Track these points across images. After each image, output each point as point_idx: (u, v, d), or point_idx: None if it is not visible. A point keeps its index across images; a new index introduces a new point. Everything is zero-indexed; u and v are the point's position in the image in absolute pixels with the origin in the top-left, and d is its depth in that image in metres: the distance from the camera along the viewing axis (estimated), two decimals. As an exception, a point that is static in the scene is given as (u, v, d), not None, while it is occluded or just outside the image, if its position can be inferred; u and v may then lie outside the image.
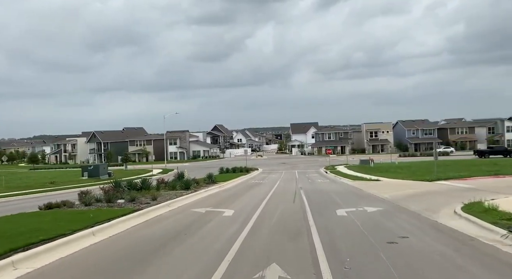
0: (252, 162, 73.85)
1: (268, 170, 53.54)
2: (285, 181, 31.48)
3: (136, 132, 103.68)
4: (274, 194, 19.78)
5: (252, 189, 23.33)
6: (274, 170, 53.10)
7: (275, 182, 29.96)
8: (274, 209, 13.61)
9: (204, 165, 69.73)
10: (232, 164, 62.13)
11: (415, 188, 18.73)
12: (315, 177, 37.58)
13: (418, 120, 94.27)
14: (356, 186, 23.17)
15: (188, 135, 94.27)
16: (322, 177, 37.54)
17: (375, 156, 76.18)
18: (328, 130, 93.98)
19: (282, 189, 23.00)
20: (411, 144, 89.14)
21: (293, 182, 30.16)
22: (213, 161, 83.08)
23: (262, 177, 39.31)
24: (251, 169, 51.08)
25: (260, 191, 21.72)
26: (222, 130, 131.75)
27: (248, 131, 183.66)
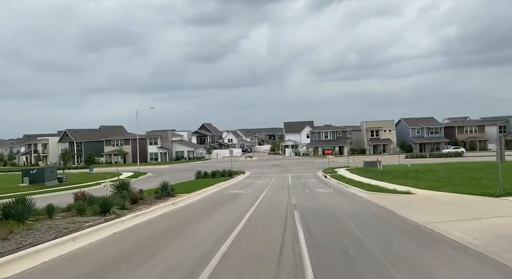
0: (240, 164, 65.97)
1: (257, 173, 45.63)
2: (275, 191, 23.58)
3: (114, 131, 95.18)
4: (250, 223, 11.77)
5: (220, 209, 15.30)
6: (264, 173, 45.21)
7: (260, 193, 22.06)
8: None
9: (184, 168, 61.65)
10: (217, 166, 54.38)
11: (496, 213, 10.85)
12: (313, 183, 29.74)
13: (422, 118, 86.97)
14: (379, 202, 15.28)
15: (171, 134, 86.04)
16: (322, 183, 29.66)
17: (377, 157, 68.61)
18: (324, 129, 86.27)
19: (266, 209, 15.08)
20: (415, 144, 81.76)
21: (284, 192, 22.27)
22: (197, 162, 75.02)
23: (246, 183, 31.36)
24: (236, 172, 43.22)
25: (230, 215, 13.70)
26: (211, 129, 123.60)
27: (240, 131, 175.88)
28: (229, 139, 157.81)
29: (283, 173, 45.10)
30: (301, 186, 27.32)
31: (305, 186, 27.21)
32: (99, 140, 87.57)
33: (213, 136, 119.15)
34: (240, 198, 19.63)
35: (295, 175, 41.23)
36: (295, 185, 27.77)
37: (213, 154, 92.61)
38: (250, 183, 31.20)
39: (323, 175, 39.73)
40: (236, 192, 22.82)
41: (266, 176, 41.37)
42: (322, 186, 27.11)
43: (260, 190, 23.75)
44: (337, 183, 28.53)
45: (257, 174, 44.94)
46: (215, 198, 19.98)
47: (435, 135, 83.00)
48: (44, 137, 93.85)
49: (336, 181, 30.44)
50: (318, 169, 48.11)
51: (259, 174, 44.05)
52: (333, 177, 34.35)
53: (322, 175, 40.36)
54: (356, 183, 25.29)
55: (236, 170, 45.68)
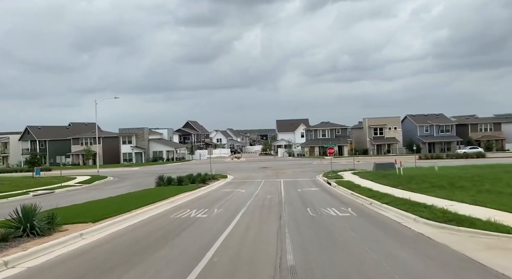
0: (224, 166, 57.02)
1: (241, 178, 36.80)
2: (256, 213, 14.79)
3: (86, 128, 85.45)
4: None
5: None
6: (250, 178, 36.37)
7: (229, 219, 13.03)
8: None
9: (157, 170, 52.44)
10: (195, 169, 45.62)
11: None
12: (316, 195, 21.06)
13: (431, 115, 78.77)
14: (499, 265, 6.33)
15: (148, 132, 76.77)
16: (329, 196, 20.91)
17: (382, 158, 60.17)
18: (322, 126, 77.64)
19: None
20: (424, 143, 73.48)
21: (272, 218, 13.36)
22: (175, 164, 65.91)
23: (220, 196, 22.49)
24: (214, 177, 34.38)
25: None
26: (196, 127, 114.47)
27: (230, 131, 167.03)
28: (218, 139, 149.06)
29: (274, 177, 36.24)
30: (300, 200, 18.50)
31: (306, 200, 18.40)
32: (66, 138, 77.98)
33: (198, 135, 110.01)
34: (184, 236, 10.56)
35: (289, 180, 32.38)
36: (290, 200, 18.96)
37: (196, 154, 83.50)
38: (224, 195, 22.24)
39: (325, 181, 31.01)
40: (189, 217, 13.73)
41: (252, 182, 32.49)
42: (331, 201, 18.28)
43: (232, 212, 14.81)
44: (351, 195, 19.84)
45: (241, 179, 36.06)
46: (131, 238, 10.72)
47: (445, 134, 74.83)
48: (4, 135, 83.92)
49: (347, 191, 21.69)
50: (317, 173, 39.44)
51: (243, 179, 35.16)
52: (341, 184, 25.57)
53: (323, 180, 31.61)
54: (384, 197, 16.53)
55: (215, 174, 36.78)
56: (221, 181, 33.11)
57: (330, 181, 29.61)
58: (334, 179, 30.23)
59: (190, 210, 15.17)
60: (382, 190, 20.14)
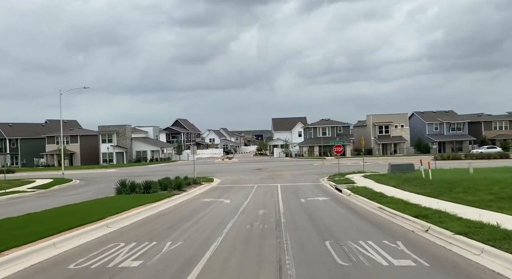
0: (214, 167, 50.96)
1: (230, 182, 30.77)
2: (238, 249, 8.66)
3: (65, 126, 78.67)
4: None
5: None
6: (240, 182, 30.36)
7: (187, 266, 6.81)
8: None
9: (136, 172, 46.23)
10: (180, 170, 39.80)
11: None
12: (328, 208, 15.35)
13: (440, 112, 73.11)
14: None
15: (130, 130, 70.39)
16: (349, 212, 14.95)
17: (390, 158, 54.35)
18: (322, 124, 71.61)
19: None
20: (434, 142, 67.76)
21: (265, 262, 7.07)
22: (160, 165, 59.69)
23: (197, 207, 16.69)
24: (196, 181, 28.27)
25: None
26: (187, 126, 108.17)
27: (223, 130, 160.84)
28: (210, 139, 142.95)
29: (269, 181, 30.18)
30: (308, 221, 12.53)
31: (317, 221, 12.48)
32: (40, 137, 71.40)
33: (189, 134, 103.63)
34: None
35: (288, 185, 26.34)
36: (293, 218, 13.04)
37: (184, 154, 77.20)
38: (199, 210, 16.15)
39: (332, 186, 25.05)
40: (102, 269, 7.43)
41: (242, 187, 26.42)
42: (357, 222, 12.31)
43: (193, 251, 8.65)
44: (380, 211, 13.91)
45: (229, 183, 29.97)
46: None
47: (457, 132, 69.11)
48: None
49: (372, 203, 15.78)
50: (319, 175, 33.57)
51: (232, 184, 29.07)
52: (356, 192, 19.61)
53: (331, 185, 25.65)
54: (445, 217, 10.49)
55: (198, 177, 30.66)
56: (203, 186, 26.93)
57: (339, 186, 23.56)
58: (344, 184, 24.21)
59: (124, 246, 8.96)
60: (424, 202, 14.08)
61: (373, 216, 13.27)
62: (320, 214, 13.80)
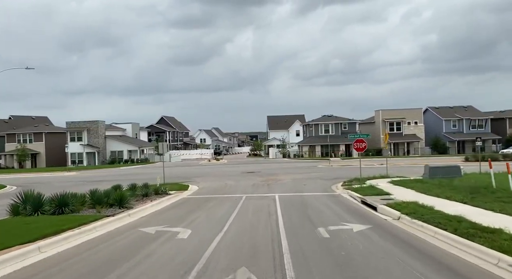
0: (197, 170, 43.01)
1: (209, 191, 22.93)
2: None
3: (32, 123, 70.25)
4: None
5: None
6: (224, 191, 22.49)
7: None
8: None
9: (95, 177, 38.04)
10: (154, 174, 32.02)
11: None
12: (389, 265, 6.71)
13: (458, 107, 65.55)
14: None
15: (104, 126, 62.04)
16: None
17: (404, 159, 46.78)
18: (324, 120, 63.63)
19: None
20: (452, 141, 60.11)
21: None
22: (134, 167, 51.56)
23: (98, 264, 8.01)
24: (159, 191, 20.12)
25: None
26: (174, 124, 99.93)
27: (215, 130, 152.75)
28: (201, 139, 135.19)
29: (264, 189, 22.25)
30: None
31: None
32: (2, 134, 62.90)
33: (175, 133, 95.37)
34: None
35: (290, 197, 18.46)
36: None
37: (166, 155, 68.92)
38: (97, 273, 7.81)
39: (356, 199, 17.22)
40: None
41: (224, 200, 18.46)
42: None
43: None
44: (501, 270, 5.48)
45: (208, 193, 21.97)
46: None
47: (478, 130, 61.44)
48: None
49: (484, 249, 7.35)
50: (328, 180, 25.93)
51: (210, 194, 21.07)
52: (415, 215, 11.55)
53: (352, 197, 17.76)
54: None
55: (161, 185, 22.61)
56: (168, 199, 18.86)
57: (370, 200, 15.74)
58: (374, 196, 16.47)
59: None
60: None
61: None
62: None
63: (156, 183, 20.88)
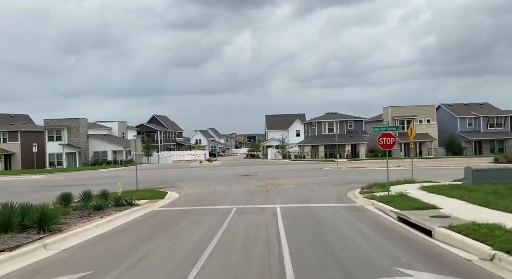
0: (185, 172, 38.16)
1: (191, 201, 18.10)
2: None
3: (10, 121, 65.08)
4: None
5: None
6: (210, 199, 17.70)
7: None
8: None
9: (63, 181, 33.02)
10: (130, 177, 27.28)
11: None
12: None
13: (473, 104, 60.83)
14: None
15: (86, 125, 56.99)
16: None
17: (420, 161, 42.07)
18: (327, 118, 58.70)
19: None
20: (468, 141, 55.31)
21: None
22: (116, 169, 46.56)
23: None
24: (122, 201, 15.00)
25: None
26: (166, 124, 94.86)
27: (212, 131, 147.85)
28: (197, 140, 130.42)
29: (261, 199, 17.43)
30: None
31: None
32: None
33: (167, 133, 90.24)
34: None
35: (296, 210, 13.65)
36: None
37: (154, 156, 64.01)
38: None
39: (390, 214, 12.26)
40: None
41: (206, 216, 13.71)
42: None
43: None
44: None
45: (188, 203, 17.19)
46: None
47: (496, 129, 56.72)
48: None
49: None
50: (340, 186, 21.32)
51: (190, 206, 16.28)
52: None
53: (383, 211, 12.88)
54: None
55: (123, 194, 17.67)
56: (127, 213, 13.97)
57: (416, 218, 10.76)
58: (418, 211, 11.56)
59: None
60: None
61: None
62: None
63: (118, 192, 15.89)
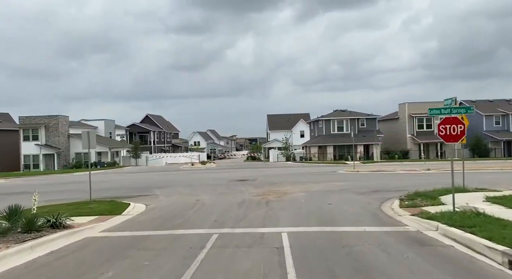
0: (169, 176, 32.67)
1: (153, 220, 12.57)
2: None
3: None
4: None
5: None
6: (183, 218, 12.26)
7: None
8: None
9: (13, 187, 27.40)
10: (108, 182, 21.90)
11: None
12: None
13: (500, 100, 55.06)
14: None
15: (67, 123, 51.53)
16: None
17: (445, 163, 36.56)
18: (336, 116, 53.01)
19: None
20: (496, 142, 49.60)
21: None
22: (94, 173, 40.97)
23: None
24: (36, 225, 8.98)
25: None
26: (160, 124, 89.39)
27: (211, 132, 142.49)
28: (195, 142, 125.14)
29: (259, 219, 11.77)
30: None
31: None
32: None
33: (162, 134, 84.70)
34: None
35: (318, 240, 7.71)
36: None
37: (143, 158, 58.45)
38: None
39: (496, 255, 5.97)
40: None
41: (164, 254, 7.71)
42: None
43: None
44: None
45: (152, 223, 11.74)
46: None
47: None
48: None
49: None
50: (367, 195, 15.77)
51: (150, 230, 10.75)
52: None
53: (475, 249, 6.69)
54: None
55: (35, 211, 11.99)
56: (15, 253, 8.11)
57: None
58: None
59: None
60: None
61: None
62: None
63: (32, 208, 10.26)
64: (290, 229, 9.87)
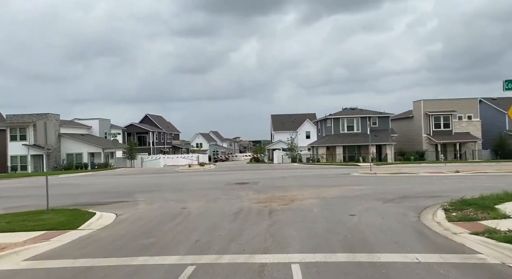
0: (160, 179, 29.47)
1: (133, 230, 8.36)
2: None
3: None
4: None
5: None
6: (153, 238, 8.36)
7: None
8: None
9: None
10: (85, 186, 18.69)
11: None
12: None
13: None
14: None
15: (58, 122, 48.47)
16: None
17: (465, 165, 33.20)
18: (346, 114, 49.54)
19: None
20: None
21: None
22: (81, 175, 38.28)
23: None
24: None
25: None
26: (161, 125, 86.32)
27: (214, 134, 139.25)
28: (198, 144, 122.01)
29: (258, 238, 8.32)
30: None
31: None
32: None
33: (161, 134, 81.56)
34: None
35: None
36: None
37: (138, 159, 55.33)
38: None
39: None
40: None
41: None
42: None
43: None
44: None
45: (112, 243, 8.29)
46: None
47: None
48: None
49: None
50: (397, 204, 12.33)
51: (93, 263, 6.99)
52: None
53: None
54: None
55: None
56: None
57: None
58: None
59: None
60: None
61: None
62: None
63: None
64: (303, 257, 6.65)
